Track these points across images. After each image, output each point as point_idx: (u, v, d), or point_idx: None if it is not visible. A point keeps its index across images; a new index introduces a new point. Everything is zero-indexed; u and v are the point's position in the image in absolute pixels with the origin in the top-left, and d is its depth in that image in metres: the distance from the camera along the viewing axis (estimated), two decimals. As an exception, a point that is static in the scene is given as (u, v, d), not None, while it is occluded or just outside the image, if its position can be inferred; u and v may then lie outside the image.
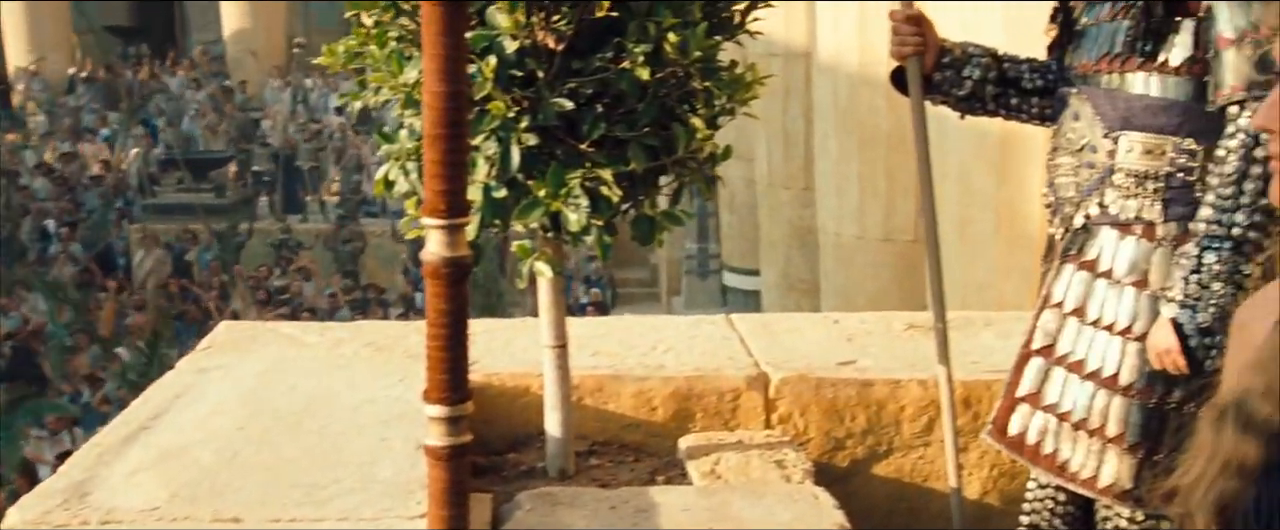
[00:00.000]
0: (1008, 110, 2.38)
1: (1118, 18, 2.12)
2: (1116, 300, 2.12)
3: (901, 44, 2.33)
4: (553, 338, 2.29)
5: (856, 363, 2.63)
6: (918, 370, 2.59)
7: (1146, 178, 2.09)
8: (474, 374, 2.43)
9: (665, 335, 2.78)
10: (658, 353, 2.66)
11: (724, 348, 2.70)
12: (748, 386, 2.54)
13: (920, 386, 2.56)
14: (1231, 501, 1.08)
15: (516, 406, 2.54)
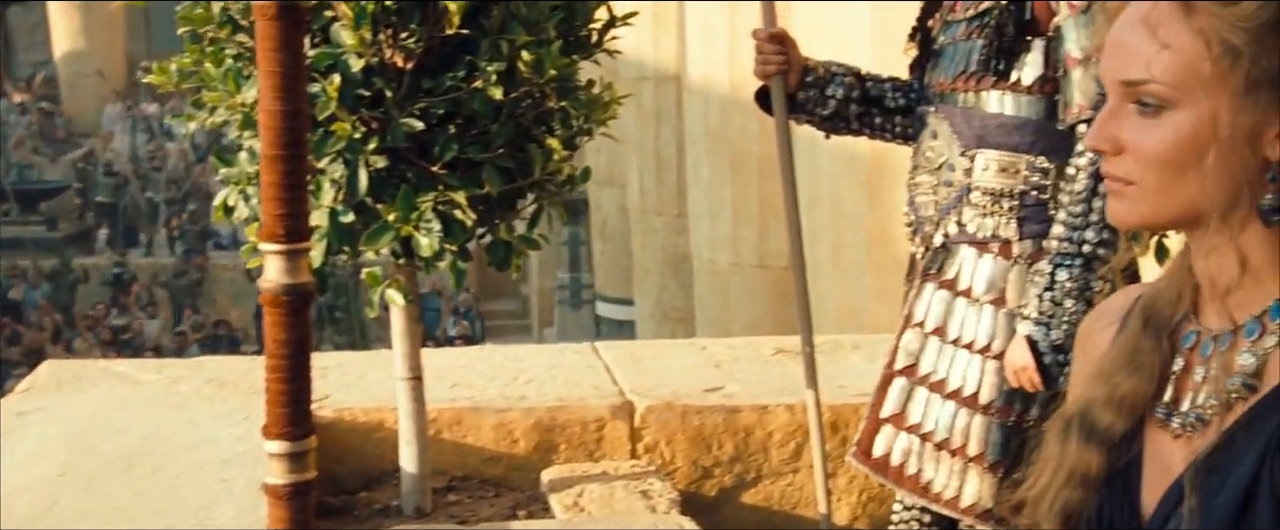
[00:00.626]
0: (872, 129, 2.46)
1: (972, 37, 2.21)
2: (976, 319, 2.20)
3: (764, 63, 2.38)
4: (407, 369, 2.27)
5: (723, 389, 2.67)
6: (786, 395, 2.64)
7: (1002, 196, 2.18)
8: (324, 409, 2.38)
9: (528, 365, 2.78)
10: (520, 383, 2.65)
11: (589, 377, 2.71)
12: (612, 416, 2.55)
13: (788, 412, 2.61)
14: (1076, 511, 1.13)
15: (370, 442, 2.49)
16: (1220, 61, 0.98)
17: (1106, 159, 1.06)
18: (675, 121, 9.17)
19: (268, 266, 1.40)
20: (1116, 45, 1.04)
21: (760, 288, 7.71)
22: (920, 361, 2.25)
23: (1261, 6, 0.96)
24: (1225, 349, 1.04)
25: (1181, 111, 1.00)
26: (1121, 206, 1.06)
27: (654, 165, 9.39)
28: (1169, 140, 1.01)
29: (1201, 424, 1.04)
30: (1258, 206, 1.00)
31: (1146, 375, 1.09)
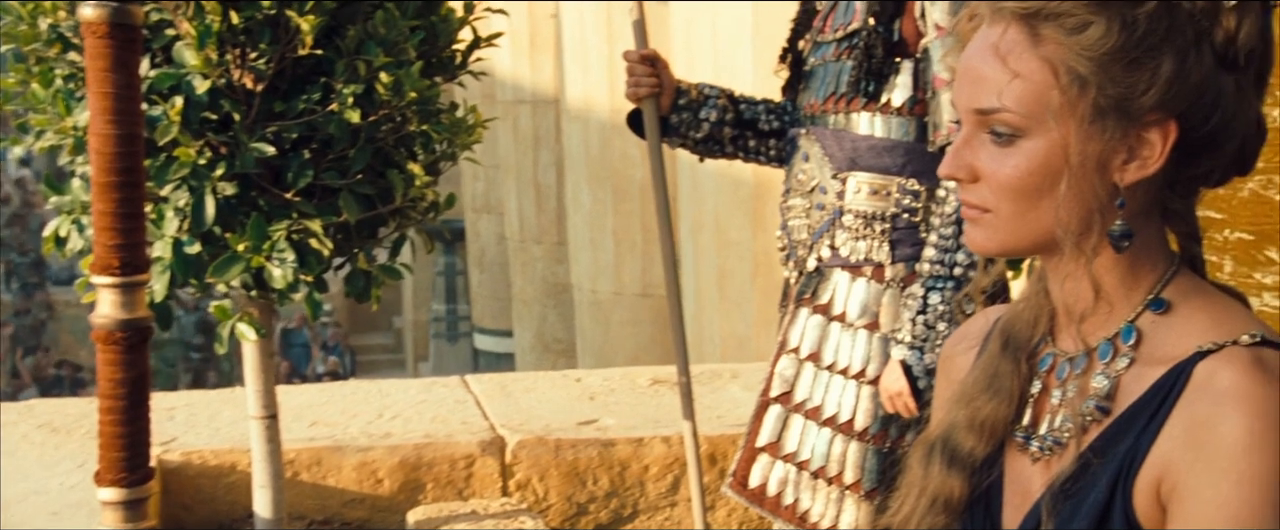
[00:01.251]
0: (746, 152, 2.49)
1: (842, 58, 2.26)
2: (850, 344, 2.24)
3: (636, 85, 2.40)
4: (261, 407, 2.21)
5: (598, 422, 2.67)
6: (663, 427, 2.65)
7: (874, 219, 2.23)
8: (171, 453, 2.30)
9: (393, 400, 2.74)
10: (384, 420, 2.61)
11: (458, 411, 2.68)
12: (482, 452, 2.53)
13: (665, 444, 2.62)
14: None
15: (221, 487, 2.42)
16: (1068, 90, 1.01)
17: (963, 187, 1.09)
18: (554, 146, 9.18)
19: (101, 301, 1.35)
20: (968, 73, 1.08)
21: (643, 317, 7.75)
22: (795, 388, 2.28)
23: (1105, 35, 1.01)
24: (1080, 372, 1.08)
25: (1034, 140, 1.04)
26: (979, 234, 1.10)
27: (533, 192, 9.37)
28: (1022, 168, 1.04)
29: (1058, 447, 1.08)
30: (1108, 233, 1.04)
31: (1006, 398, 1.13)
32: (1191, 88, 1.01)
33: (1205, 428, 0.97)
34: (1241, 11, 1.01)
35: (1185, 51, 1.01)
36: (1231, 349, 0.99)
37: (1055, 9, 1.02)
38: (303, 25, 1.87)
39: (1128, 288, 1.06)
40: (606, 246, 7.93)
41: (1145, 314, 1.05)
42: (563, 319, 9.05)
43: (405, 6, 2.02)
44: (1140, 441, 1.01)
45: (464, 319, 11.48)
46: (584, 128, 7.91)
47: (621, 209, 7.77)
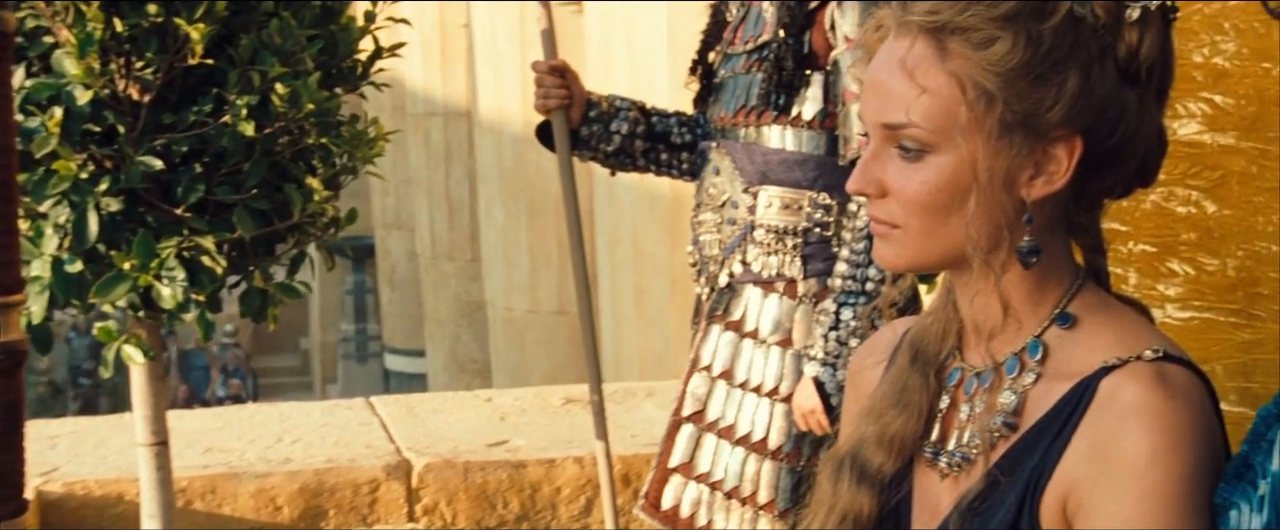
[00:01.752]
0: (658, 166, 2.49)
1: (752, 70, 2.28)
2: (763, 361, 2.25)
3: (546, 97, 2.39)
4: (150, 434, 2.15)
5: (509, 443, 2.65)
6: (575, 447, 2.64)
7: (786, 233, 2.25)
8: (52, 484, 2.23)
9: (294, 424, 2.69)
10: (284, 444, 2.56)
11: (362, 434, 2.64)
12: (387, 476, 2.49)
13: (577, 465, 2.61)
14: (850, 555, 1.17)
15: (107, 518, 2.35)
16: (975, 105, 1.03)
17: (871, 202, 1.10)
18: (467, 160, 9.13)
19: (-29, 323, 1.30)
20: (876, 88, 1.09)
21: (559, 336, 7.72)
22: (708, 407, 2.28)
23: (1011, 51, 1.02)
24: (988, 387, 1.09)
25: (942, 155, 1.05)
26: (888, 250, 1.10)
27: (445, 207, 9.31)
28: (931, 184, 1.05)
29: (967, 463, 1.09)
30: (1016, 249, 1.06)
31: (915, 413, 1.14)
32: (1096, 102, 1.03)
33: (1109, 444, 0.98)
34: (1143, 26, 1.04)
35: (1089, 67, 1.03)
36: (1135, 364, 1.01)
37: (961, 23, 1.04)
38: (192, 34, 1.83)
39: (1034, 303, 1.08)
40: (521, 263, 7.90)
41: (1051, 328, 1.07)
42: (476, 338, 8.99)
43: (302, 15, 1.99)
44: (1046, 458, 1.03)
45: (374, 339, 11.34)
46: (497, 140, 7.88)
47: (536, 224, 7.75)
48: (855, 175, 1.09)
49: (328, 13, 2.06)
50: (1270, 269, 1.46)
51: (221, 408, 3.45)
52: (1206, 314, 1.52)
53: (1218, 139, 1.50)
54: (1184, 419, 0.97)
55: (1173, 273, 1.55)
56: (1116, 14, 1.03)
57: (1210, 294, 1.51)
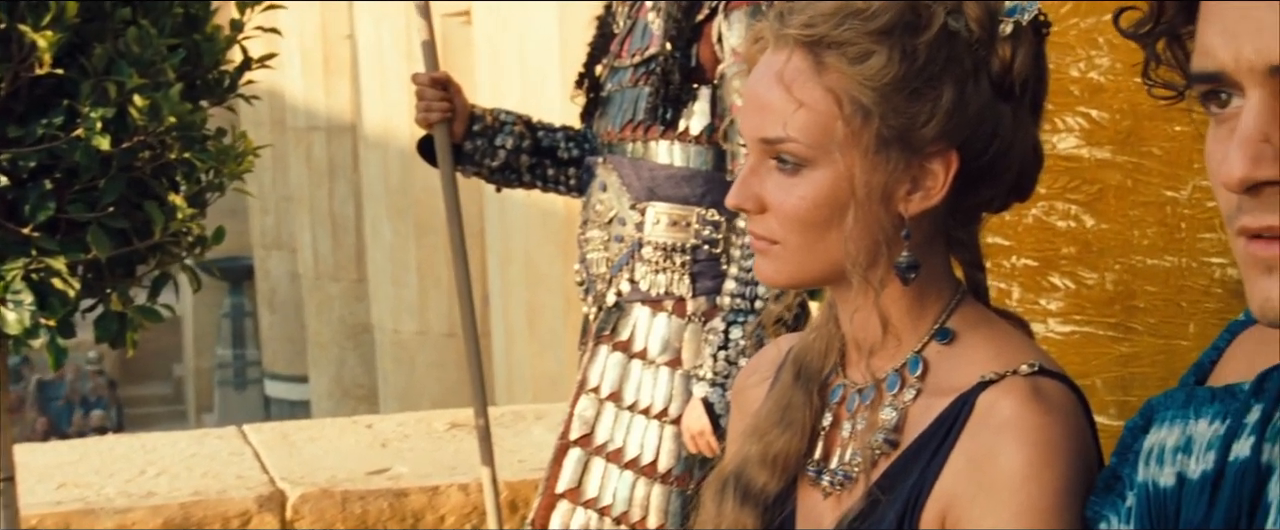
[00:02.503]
0: (545, 182, 2.49)
1: (639, 84, 2.29)
2: (652, 382, 2.26)
3: (427, 110, 2.38)
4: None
5: (390, 470, 2.62)
6: (460, 474, 2.62)
7: (674, 251, 2.26)
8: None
9: (159, 455, 2.62)
10: (147, 478, 2.49)
11: (233, 465, 2.59)
12: (260, 508, 2.44)
13: (462, 492, 2.58)
14: (735, 576, 1.18)
15: (-49, 562, 2.26)
16: (852, 120, 1.05)
17: (750, 218, 1.12)
18: (352, 177, 9.01)
19: None
20: (754, 101, 1.10)
21: (451, 359, 7.66)
22: (596, 430, 2.28)
23: (887, 66, 1.05)
24: (869, 403, 1.11)
25: (819, 170, 1.07)
26: (768, 266, 1.12)
27: (329, 226, 9.18)
28: (809, 199, 1.07)
29: (849, 482, 1.11)
30: (895, 265, 1.08)
31: (798, 431, 1.15)
32: (971, 117, 1.06)
33: (986, 459, 1.01)
34: (1016, 41, 1.07)
35: (964, 81, 1.06)
36: (1011, 379, 1.04)
37: (837, 37, 1.06)
38: (40, 41, 1.77)
39: (914, 318, 1.10)
40: (410, 283, 7.83)
41: (931, 344, 1.10)
42: (363, 362, 8.87)
43: (163, 23, 1.94)
44: (925, 475, 1.05)
45: (253, 364, 11.11)
46: (383, 156, 7.80)
47: (425, 243, 7.68)
48: (734, 190, 1.11)
49: (191, 20, 2.02)
50: (1147, 282, 1.51)
51: (78, 441, 3.33)
52: (1086, 328, 1.56)
53: (1094, 153, 1.55)
54: (1058, 433, 1.00)
55: (1054, 287, 1.60)
56: (990, 29, 1.07)
57: (1089, 308, 1.56)
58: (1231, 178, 0.65)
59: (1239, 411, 0.79)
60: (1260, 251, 0.66)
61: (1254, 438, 0.77)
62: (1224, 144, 0.67)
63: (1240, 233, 0.67)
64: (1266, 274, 0.66)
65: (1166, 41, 0.74)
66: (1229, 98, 0.68)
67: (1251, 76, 0.65)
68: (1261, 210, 0.65)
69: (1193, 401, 0.83)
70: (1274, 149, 0.64)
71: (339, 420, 3.11)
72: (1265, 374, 0.80)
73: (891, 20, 1.05)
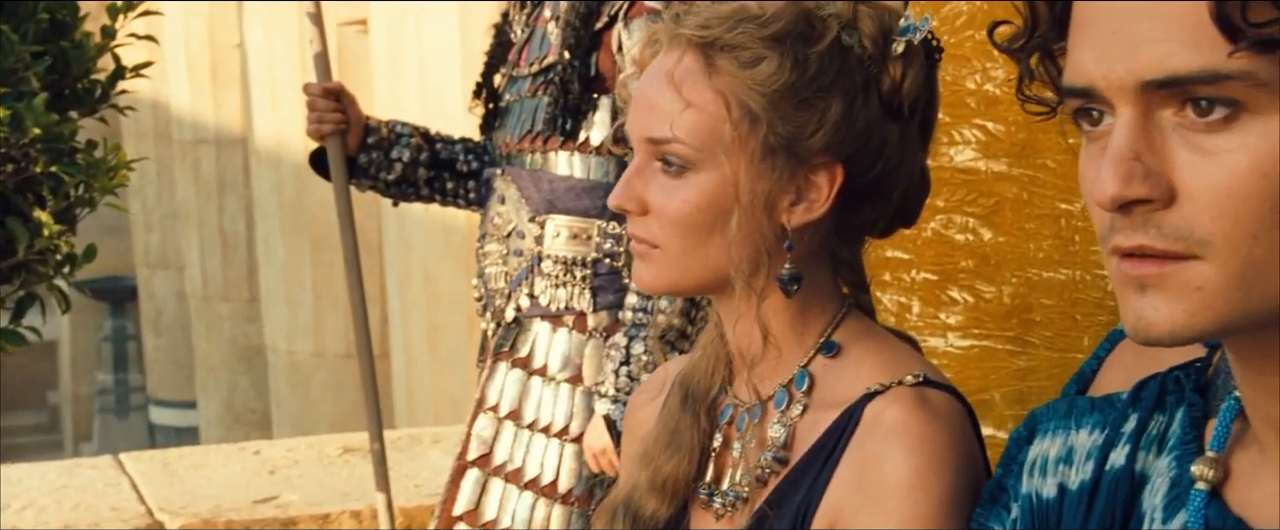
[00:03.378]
0: (443, 195, 2.49)
1: (537, 94, 2.30)
2: (552, 399, 2.26)
3: (319, 122, 2.37)
4: None
5: (278, 498, 2.58)
6: (352, 500, 2.59)
7: (574, 264, 2.27)
8: None
9: (26, 488, 2.55)
10: (12, 512, 2.43)
11: (108, 496, 2.53)
12: (137, 541, 2.39)
13: (354, 519, 2.56)
14: (627, 607, 1.18)
15: None
16: (740, 124, 1.07)
17: (632, 220, 1.13)
18: (243, 192, 8.88)
19: None
20: (643, 101, 1.12)
21: (349, 381, 7.56)
22: (495, 450, 2.28)
23: (778, 72, 1.07)
24: (758, 421, 1.13)
25: (704, 173, 1.08)
26: (647, 271, 1.13)
27: (218, 243, 9.03)
28: (692, 202, 1.08)
29: (740, 502, 1.12)
30: (777, 276, 1.10)
31: (687, 455, 1.17)
32: (858, 132, 1.09)
33: (872, 467, 1.03)
34: (907, 61, 1.10)
35: (853, 96, 1.09)
36: (897, 389, 1.06)
37: (731, 40, 1.08)
38: (-104, 48, 1.73)
39: (798, 332, 1.12)
40: (305, 303, 7.73)
41: (817, 358, 1.12)
42: (255, 386, 8.73)
43: (25, 29, 1.90)
44: (814, 490, 1.07)
45: (137, 390, 10.87)
46: (276, 170, 7.69)
47: (321, 260, 7.59)
48: (616, 190, 1.12)
49: (57, 26, 1.98)
50: (1043, 296, 1.55)
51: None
52: (985, 342, 1.60)
53: (991, 166, 1.59)
54: (944, 442, 1.03)
55: (953, 301, 1.64)
56: (882, 47, 1.09)
57: (988, 322, 1.60)
58: (1103, 196, 0.68)
59: (1116, 421, 0.82)
60: (1132, 270, 0.68)
61: (1129, 447, 0.80)
62: (1096, 162, 0.69)
63: (1113, 251, 0.69)
64: (1139, 293, 0.68)
65: (1040, 57, 0.76)
66: (1101, 115, 0.70)
67: (1122, 94, 0.68)
68: (1133, 229, 0.68)
69: (1074, 412, 0.86)
70: (1144, 168, 0.67)
71: (224, 447, 3.06)
72: (1141, 383, 0.83)
73: (785, 28, 1.08)
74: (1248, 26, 0.62)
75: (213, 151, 8.91)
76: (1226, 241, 0.66)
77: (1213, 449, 0.75)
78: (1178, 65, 0.65)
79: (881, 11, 1.11)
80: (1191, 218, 0.66)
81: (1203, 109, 0.66)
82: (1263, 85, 0.64)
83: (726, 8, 1.10)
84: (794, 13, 1.09)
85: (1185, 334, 0.67)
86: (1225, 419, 0.75)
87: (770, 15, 1.08)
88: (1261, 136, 0.64)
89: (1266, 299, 0.66)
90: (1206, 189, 0.66)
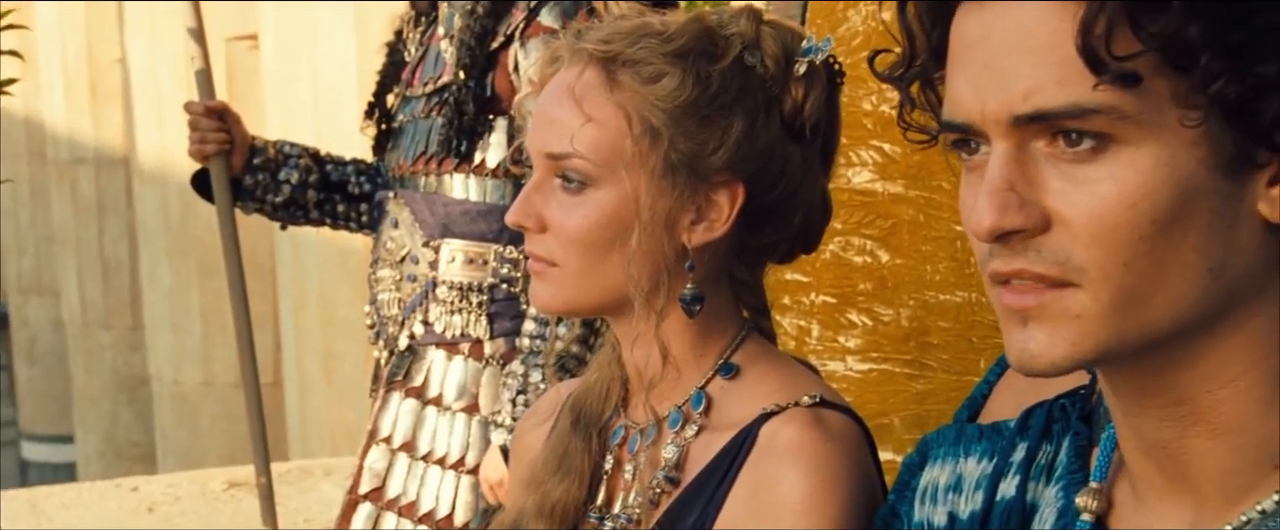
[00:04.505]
0: (334, 219, 2.47)
1: (432, 114, 2.29)
2: (448, 429, 2.25)
3: (201, 142, 2.34)
4: None
5: (159, 537, 2.53)
6: (239, 537, 2.55)
7: (470, 290, 2.26)
8: None
9: (-115, 531, 2.46)
10: None
11: (-27, 539, 2.45)
12: (5, 585, 2.32)
13: (241, 556, 2.52)
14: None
15: None
16: (641, 140, 1.08)
17: (530, 237, 1.14)
18: (125, 214, 8.71)
19: None
20: (543, 116, 1.13)
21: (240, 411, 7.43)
22: (388, 483, 2.26)
23: (680, 88, 1.09)
24: (651, 442, 1.14)
25: (604, 189, 1.09)
26: (545, 290, 1.14)
27: (98, 268, 8.85)
28: (591, 219, 1.09)
29: (632, 525, 1.14)
30: (679, 297, 1.12)
31: (577, 478, 1.17)
32: (759, 152, 1.11)
33: (768, 487, 1.05)
34: (809, 82, 1.12)
35: (755, 115, 1.11)
36: (793, 409, 1.08)
37: (633, 55, 1.09)
38: None
39: (697, 353, 1.14)
40: (192, 330, 7.61)
41: (715, 379, 1.13)
42: (139, 418, 8.55)
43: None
44: (707, 510, 1.08)
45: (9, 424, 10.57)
46: (161, 191, 7.56)
47: (209, 285, 7.47)
48: (515, 207, 1.12)
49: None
50: (940, 318, 1.59)
51: None
52: (883, 365, 1.64)
53: (888, 187, 1.63)
54: (841, 462, 1.05)
55: (852, 324, 1.67)
56: (784, 67, 1.12)
57: (886, 345, 1.63)
58: (980, 227, 0.70)
59: (1005, 449, 0.85)
60: (1013, 302, 0.71)
61: (1019, 477, 0.83)
62: (975, 191, 0.72)
63: (993, 278, 0.72)
64: (1021, 326, 0.71)
65: (920, 85, 0.79)
66: (978, 146, 0.73)
67: (996, 127, 0.71)
68: (1012, 254, 0.70)
69: (963, 439, 0.89)
70: (1019, 198, 0.70)
71: (99, 484, 2.99)
72: (1029, 411, 0.85)
73: (687, 44, 1.10)
74: (1111, 60, 0.65)
75: (92, 171, 8.74)
76: (1100, 269, 0.68)
77: (1096, 479, 0.78)
78: (1045, 101, 0.68)
79: (784, 32, 1.14)
80: (1067, 245, 0.69)
81: (1073, 140, 0.68)
82: (1128, 118, 0.67)
83: (629, 24, 1.12)
84: (696, 30, 1.11)
85: (1066, 364, 0.70)
86: (1106, 449, 0.78)
87: (672, 31, 1.10)
88: (1128, 167, 0.67)
89: (1142, 327, 0.69)
90: (1079, 217, 0.68)
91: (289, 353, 6.52)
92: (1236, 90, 0.65)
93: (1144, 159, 0.67)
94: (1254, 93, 0.65)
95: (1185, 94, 0.66)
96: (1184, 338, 0.70)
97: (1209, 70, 0.65)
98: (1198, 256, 0.68)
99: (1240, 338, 0.70)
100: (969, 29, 0.72)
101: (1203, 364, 0.71)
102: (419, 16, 2.41)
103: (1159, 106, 0.67)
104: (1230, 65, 0.65)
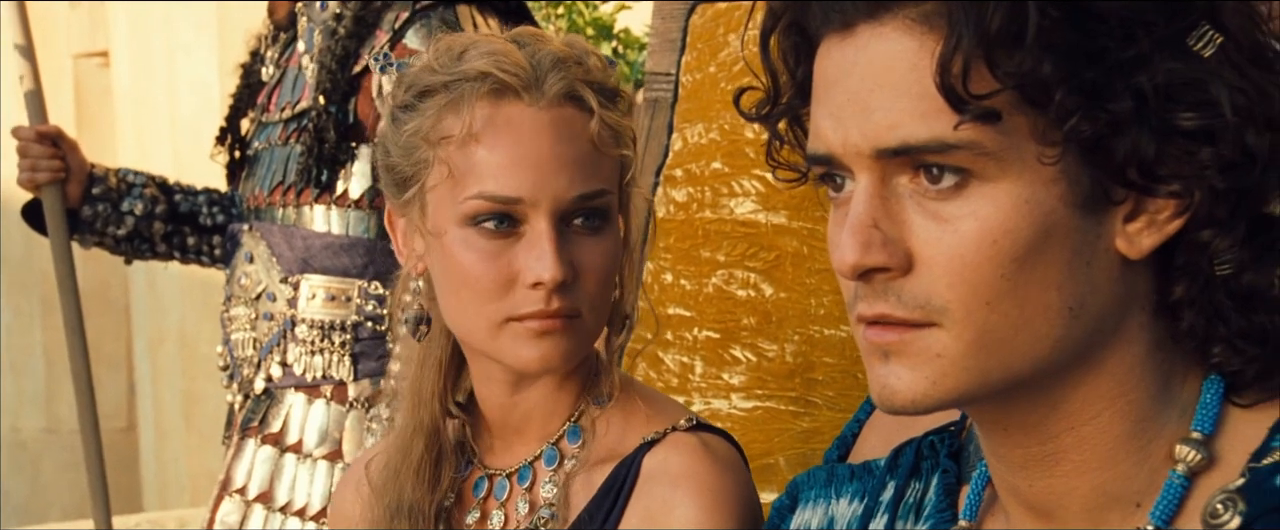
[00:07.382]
0: (184, 252, 2.44)
1: (290, 141, 2.26)
2: (308, 479, 2.22)
3: (33, 169, 2.30)
4: None
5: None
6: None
7: (332, 329, 2.23)
8: None
9: None
10: None
11: None
12: None
13: (81, 622, 2.44)
14: None
15: None
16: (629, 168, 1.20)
17: (559, 291, 1.20)
18: (-40, 245, 8.44)
19: None
20: (556, 161, 1.15)
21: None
22: (243, 537, 2.22)
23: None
24: (527, 484, 1.16)
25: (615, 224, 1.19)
26: (568, 344, 1.17)
27: (-71, 304, 8.55)
28: (611, 253, 1.18)
29: (516, 570, 1.15)
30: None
31: None
32: None
33: (661, 514, 1.10)
34: None
35: None
36: (674, 435, 1.13)
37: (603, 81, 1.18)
38: None
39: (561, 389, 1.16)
40: (34, 372, 7.42)
41: (588, 411, 1.16)
42: (-27, 469, 8.27)
43: None
44: (597, 543, 1.11)
45: None
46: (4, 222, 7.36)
47: (53, 323, 7.26)
48: (552, 264, 1.11)
49: None
50: (825, 354, 1.61)
51: None
52: (768, 403, 1.65)
53: (771, 218, 1.65)
54: (731, 487, 1.10)
55: (736, 360, 1.68)
56: None
57: (771, 381, 1.65)
58: (844, 265, 0.72)
59: (875, 489, 0.87)
60: (876, 339, 0.73)
61: (887, 516, 0.84)
62: (841, 227, 0.74)
63: (858, 320, 0.74)
64: (883, 361, 0.73)
65: (788, 122, 0.81)
66: (843, 181, 0.75)
67: (859, 161, 0.73)
68: (875, 297, 0.72)
69: (834, 481, 0.90)
70: (882, 235, 0.71)
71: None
72: (899, 449, 0.87)
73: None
74: (970, 98, 0.67)
75: (-79, 200, 8.46)
76: (962, 308, 0.70)
77: (965, 518, 0.80)
78: (907, 134, 0.70)
79: None
80: (929, 285, 0.71)
81: (934, 176, 0.71)
82: (989, 154, 0.69)
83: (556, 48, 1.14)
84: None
85: (926, 402, 0.72)
86: (977, 487, 0.80)
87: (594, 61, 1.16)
88: (989, 204, 0.70)
89: (1005, 366, 0.71)
90: (941, 257, 0.70)
91: (144, 394, 6.38)
92: (1090, 127, 0.67)
93: (1004, 196, 0.69)
94: (1108, 129, 0.67)
95: (1043, 131, 0.69)
96: (1046, 377, 0.72)
97: (1063, 107, 0.67)
98: (1058, 295, 0.70)
99: (1101, 376, 0.72)
100: (832, 64, 0.74)
101: (1065, 403, 0.73)
102: (277, 33, 2.38)
103: (1018, 143, 0.69)
104: (1083, 102, 0.67)
